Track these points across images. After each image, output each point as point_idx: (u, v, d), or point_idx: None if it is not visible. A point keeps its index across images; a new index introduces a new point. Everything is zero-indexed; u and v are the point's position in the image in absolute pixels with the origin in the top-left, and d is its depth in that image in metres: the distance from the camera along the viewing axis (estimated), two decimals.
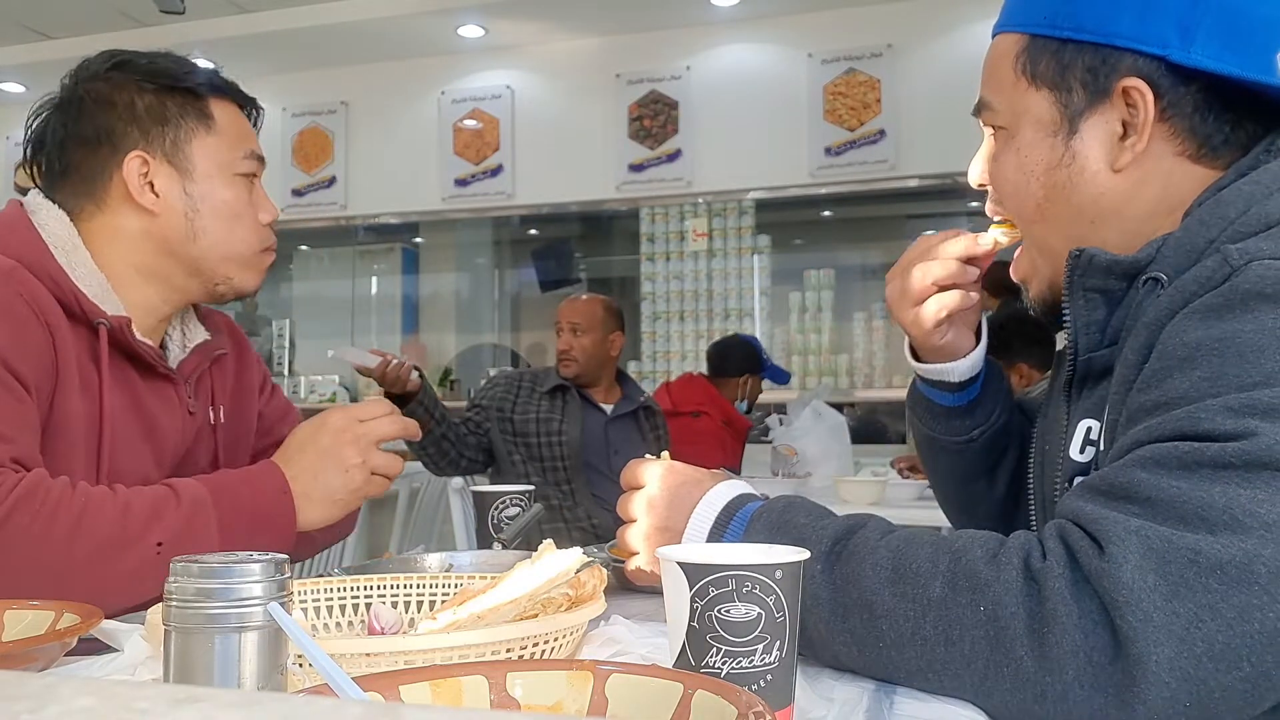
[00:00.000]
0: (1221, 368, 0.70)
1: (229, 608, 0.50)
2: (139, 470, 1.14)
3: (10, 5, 4.93)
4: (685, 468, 0.90)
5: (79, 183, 1.16)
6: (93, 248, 1.15)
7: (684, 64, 5.07)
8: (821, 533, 0.77)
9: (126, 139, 1.16)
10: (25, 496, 0.93)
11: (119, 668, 0.78)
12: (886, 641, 0.71)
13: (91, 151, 1.16)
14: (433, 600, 0.92)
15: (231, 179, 1.20)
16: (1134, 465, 0.70)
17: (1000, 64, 0.95)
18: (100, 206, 1.16)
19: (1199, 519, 0.65)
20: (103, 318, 1.10)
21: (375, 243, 6.21)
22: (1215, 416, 0.68)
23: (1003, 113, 0.94)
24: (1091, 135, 0.90)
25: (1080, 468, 0.88)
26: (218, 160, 1.19)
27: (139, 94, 1.17)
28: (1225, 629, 0.62)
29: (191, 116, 1.18)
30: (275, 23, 5.04)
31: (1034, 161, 0.92)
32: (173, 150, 1.17)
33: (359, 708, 0.30)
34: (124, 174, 1.15)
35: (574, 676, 0.55)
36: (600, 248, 6.14)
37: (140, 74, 1.17)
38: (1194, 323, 0.74)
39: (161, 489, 1.02)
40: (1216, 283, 0.75)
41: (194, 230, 1.17)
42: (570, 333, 3.03)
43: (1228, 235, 0.79)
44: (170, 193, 1.17)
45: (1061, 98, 0.90)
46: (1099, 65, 0.88)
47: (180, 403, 1.21)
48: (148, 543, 0.97)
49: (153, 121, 1.16)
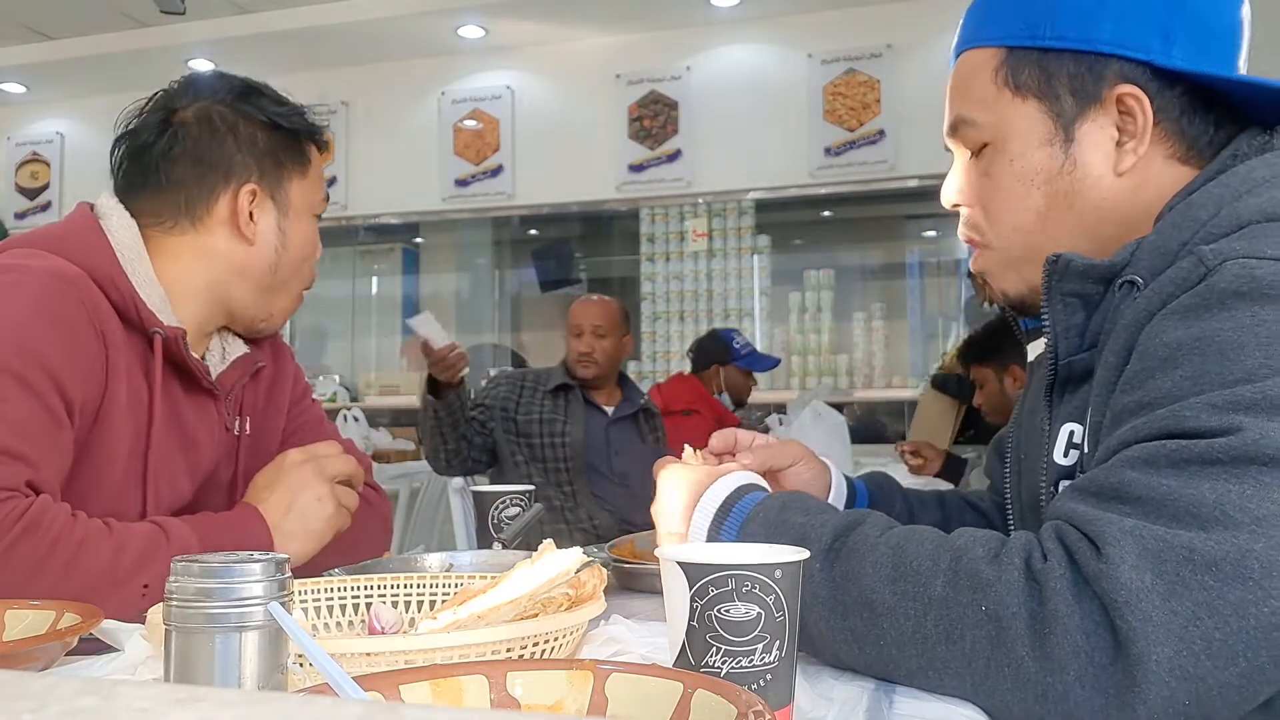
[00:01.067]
0: (1203, 366, 0.71)
1: (229, 607, 0.50)
2: (173, 483, 1.15)
3: (11, 6, 4.93)
4: (692, 469, 0.91)
5: (179, 197, 1.18)
6: (160, 259, 1.16)
7: (684, 64, 5.07)
8: (820, 530, 0.77)
9: (244, 169, 1.19)
10: (30, 527, 0.94)
11: (120, 667, 0.78)
12: (887, 640, 0.71)
13: (204, 173, 1.18)
14: (433, 600, 0.92)
15: (310, 219, 1.26)
16: (1123, 465, 0.70)
17: (975, 79, 0.94)
18: (195, 224, 1.18)
19: (1191, 516, 0.65)
20: (159, 328, 1.11)
21: (376, 243, 6.21)
22: (1200, 414, 0.68)
23: (986, 127, 0.94)
24: (1090, 141, 0.90)
25: (1065, 471, 0.88)
26: (307, 201, 1.25)
27: (261, 128, 1.21)
28: (1222, 625, 0.63)
29: (296, 157, 1.24)
30: (275, 23, 5.04)
31: (1032, 171, 0.91)
32: (276, 187, 1.21)
33: (359, 707, 0.30)
34: (236, 203, 1.18)
35: (574, 676, 0.55)
36: (600, 248, 6.14)
37: (262, 111, 1.21)
38: (1173, 323, 0.74)
39: (153, 530, 1.02)
40: (1193, 283, 0.75)
41: (277, 264, 1.22)
42: (593, 335, 3.03)
43: (1200, 237, 0.80)
44: (267, 227, 1.21)
45: (1051, 106, 0.90)
46: (1085, 72, 0.89)
47: (219, 418, 1.22)
48: (135, 584, 0.97)
49: (269, 158, 1.21)
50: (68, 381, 1.01)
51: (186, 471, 1.18)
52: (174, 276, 1.16)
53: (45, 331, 1.01)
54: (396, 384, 5.80)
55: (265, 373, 1.31)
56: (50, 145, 5.99)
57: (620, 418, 3.06)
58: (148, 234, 1.16)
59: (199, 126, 1.18)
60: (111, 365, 1.07)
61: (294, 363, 1.39)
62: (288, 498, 1.13)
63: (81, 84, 5.60)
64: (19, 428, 0.97)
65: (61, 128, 5.96)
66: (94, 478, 1.07)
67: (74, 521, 0.97)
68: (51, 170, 5.99)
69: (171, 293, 1.16)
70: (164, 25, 4.88)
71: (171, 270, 1.16)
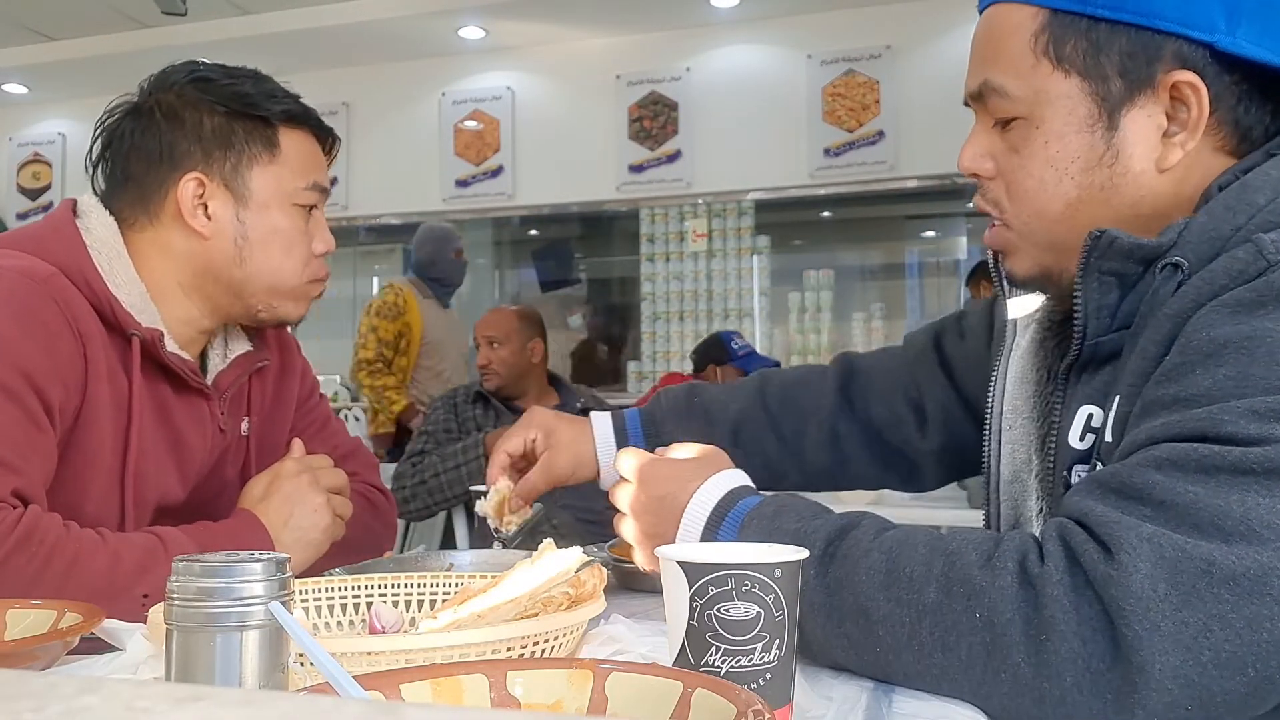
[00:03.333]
0: (1249, 367, 0.67)
1: (230, 606, 0.50)
2: (162, 485, 1.14)
3: (12, 7, 4.93)
4: (669, 465, 0.87)
5: (135, 193, 1.15)
6: (138, 258, 1.14)
7: (684, 65, 5.07)
8: (814, 535, 0.75)
9: (188, 158, 1.14)
10: (24, 539, 0.93)
11: (121, 667, 0.78)
12: (883, 646, 0.71)
13: (152, 165, 1.14)
14: (433, 599, 0.92)
15: (289, 209, 1.18)
16: (1149, 465, 0.67)
17: (1010, 42, 0.83)
18: (152, 220, 1.15)
19: (1214, 527, 0.63)
20: (136, 329, 1.09)
21: (376, 243, 6.20)
22: (1238, 419, 0.65)
23: (1021, 100, 0.84)
24: (1135, 131, 0.81)
25: (1080, 455, 0.84)
26: (277, 189, 1.17)
27: (209, 114, 1.15)
28: (1233, 638, 0.61)
29: (257, 143, 1.16)
30: (276, 24, 5.04)
31: (1068, 157, 0.83)
32: (232, 175, 1.15)
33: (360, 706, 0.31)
34: (179, 194, 1.14)
35: (574, 675, 0.55)
36: (600, 248, 6.14)
37: (214, 95, 1.15)
38: (1223, 317, 0.70)
39: (150, 540, 1.02)
40: (1250, 276, 0.70)
41: (240, 256, 1.15)
42: (487, 346, 3.07)
43: (1256, 223, 0.74)
44: (222, 217, 1.15)
45: (1097, 87, 0.81)
46: (1139, 51, 0.79)
47: (211, 418, 1.20)
48: (134, 594, 0.97)
49: (217, 144, 1.14)
50: (46, 384, 1.00)
51: (176, 472, 1.16)
52: (153, 275, 1.14)
53: (20, 333, 0.99)
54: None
55: (272, 369, 1.29)
56: (52, 146, 5.99)
57: None
58: (124, 233, 1.14)
59: (147, 118, 1.15)
60: (91, 365, 1.05)
61: (302, 358, 1.36)
62: (286, 509, 1.12)
63: (83, 85, 5.60)
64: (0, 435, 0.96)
65: (63, 128, 5.95)
66: (78, 480, 1.05)
67: (68, 532, 0.96)
68: (53, 171, 5.98)
69: (153, 291, 1.14)
70: (165, 26, 4.88)
71: (151, 269, 1.14)
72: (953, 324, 1.18)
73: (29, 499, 0.98)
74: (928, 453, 1.15)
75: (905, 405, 1.16)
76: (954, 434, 1.13)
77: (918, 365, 1.17)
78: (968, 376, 1.13)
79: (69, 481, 1.05)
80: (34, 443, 0.99)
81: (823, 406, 1.17)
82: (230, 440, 1.24)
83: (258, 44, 5.10)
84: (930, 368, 1.16)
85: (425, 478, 2.91)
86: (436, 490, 2.90)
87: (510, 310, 3.21)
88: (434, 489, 2.90)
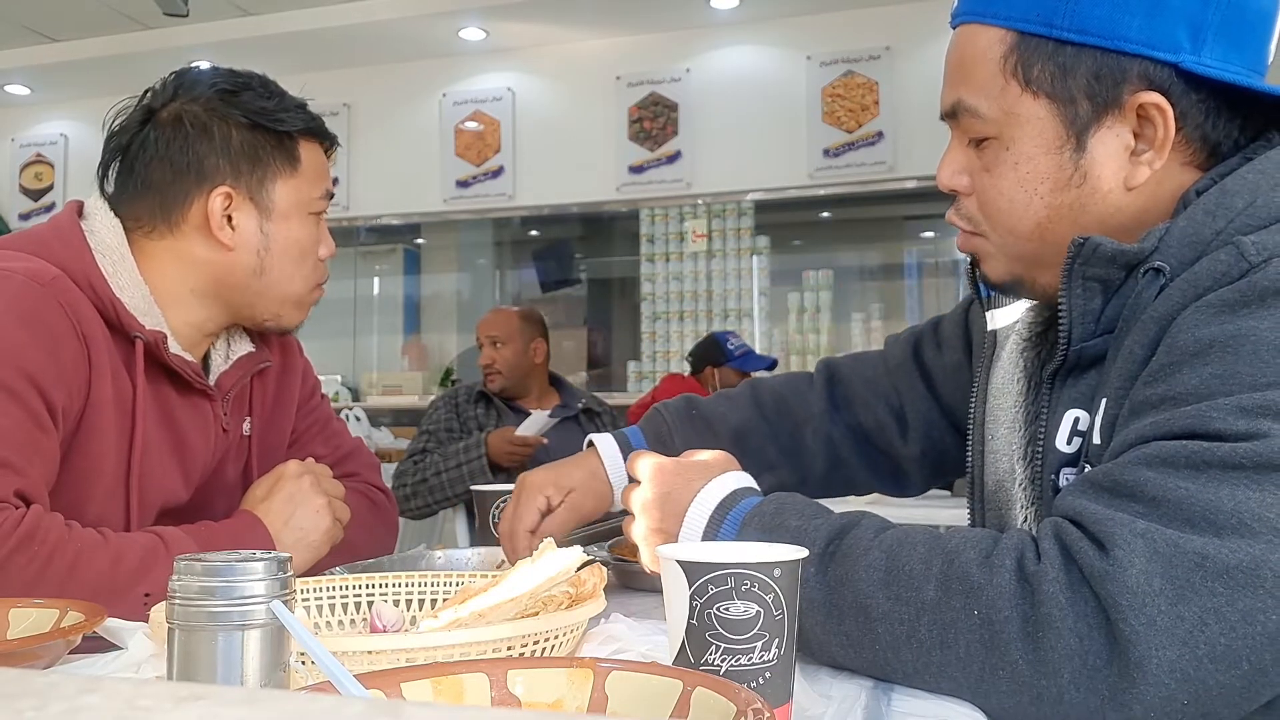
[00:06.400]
0: (1235, 365, 0.68)
1: (232, 605, 0.50)
2: (165, 486, 1.14)
3: (14, 8, 4.94)
4: (677, 465, 0.89)
5: (155, 201, 1.15)
6: (146, 262, 1.14)
7: (684, 66, 5.07)
8: (814, 534, 0.76)
9: (216, 172, 1.14)
10: (25, 539, 0.93)
11: (123, 666, 0.78)
12: (882, 644, 0.71)
13: (178, 176, 1.14)
14: (434, 598, 0.93)
15: (305, 218, 1.19)
16: (1140, 463, 0.68)
17: (981, 63, 0.85)
18: (172, 229, 1.15)
19: (1206, 521, 0.64)
20: (139, 331, 1.09)
21: (377, 244, 6.21)
22: (1226, 415, 0.66)
23: (991, 121, 0.85)
24: (1103, 152, 0.83)
25: (1068, 458, 0.85)
26: (297, 200, 1.18)
27: (236, 128, 1.15)
28: (1228, 632, 0.62)
29: (281, 157, 1.17)
30: (277, 25, 5.04)
31: (1038, 178, 0.84)
32: (257, 188, 1.16)
33: (361, 705, 0.31)
34: (208, 207, 1.14)
35: (574, 674, 0.55)
36: (600, 249, 6.14)
37: (240, 109, 1.15)
38: (1207, 317, 0.71)
39: (151, 539, 1.02)
40: (1233, 277, 0.72)
41: (261, 267, 1.17)
42: (490, 346, 3.07)
43: (1236, 226, 0.76)
44: (247, 230, 1.16)
45: (1065, 109, 0.82)
46: (1105, 73, 0.81)
47: (214, 420, 1.20)
48: (136, 594, 0.97)
49: (244, 159, 1.15)
50: (49, 386, 1.00)
51: (180, 473, 1.16)
52: (158, 280, 1.14)
53: (24, 336, 1.00)
54: (398, 384, 5.79)
55: (273, 370, 1.30)
56: (54, 147, 5.99)
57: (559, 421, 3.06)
58: (131, 236, 1.14)
59: (172, 129, 1.15)
60: (95, 367, 1.05)
61: (303, 359, 1.37)
62: (287, 510, 1.13)
63: (85, 86, 5.60)
64: (3, 435, 0.96)
65: (65, 129, 5.96)
66: (82, 481, 1.06)
67: (69, 532, 0.97)
68: (55, 172, 5.99)
69: (159, 295, 1.14)
70: (167, 27, 4.88)
71: (155, 273, 1.14)
72: (929, 334, 1.19)
73: (31, 499, 0.98)
74: (911, 458, 1.17)
75: (887, 412, 1.18)
76: (935, 441, 1.16)
77: (898, 374, 1.18)
78: (947, 386, 1.15)
79: (74, 483, 1.06)
80: (37, 444, 1.00)
81: (815, 413, 1.19)
82: (232, 441, 1.25)
83: (259, 45, 5.11)
84: (910, 378, 1.17)
85: (426, 476, 2.92)
86: (438, 489, 2.90)
87: (512, 310, 3.22)
88: (435, 488, 2.90)
